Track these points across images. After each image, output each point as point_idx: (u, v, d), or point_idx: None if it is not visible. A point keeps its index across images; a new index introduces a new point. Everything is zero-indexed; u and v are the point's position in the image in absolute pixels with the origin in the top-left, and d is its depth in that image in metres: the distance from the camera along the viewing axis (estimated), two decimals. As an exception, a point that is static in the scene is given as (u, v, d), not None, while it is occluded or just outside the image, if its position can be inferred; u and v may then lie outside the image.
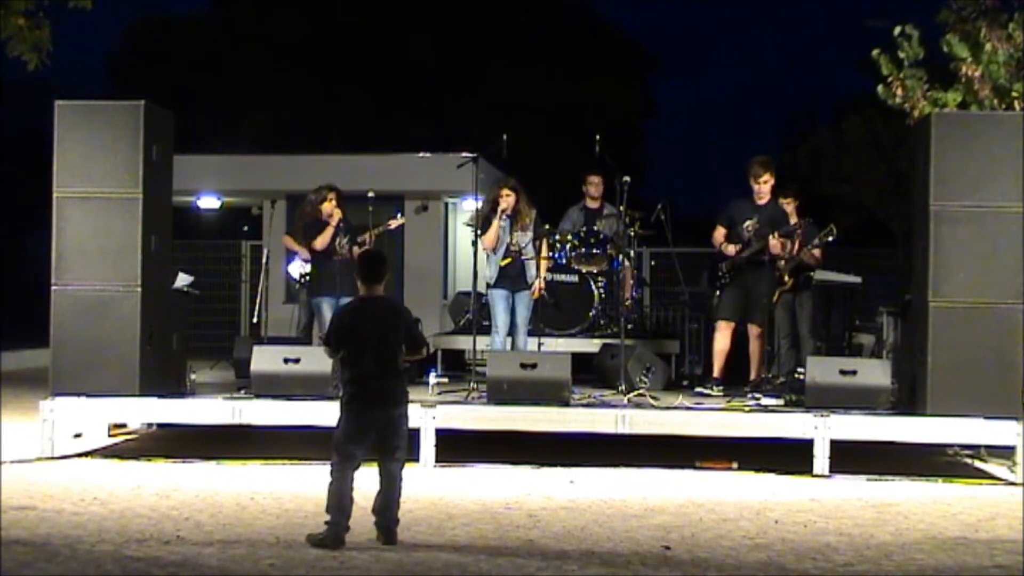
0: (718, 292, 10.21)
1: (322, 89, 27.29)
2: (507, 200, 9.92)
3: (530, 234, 10.11)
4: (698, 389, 9.93)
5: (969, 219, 8.53)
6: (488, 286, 10.15)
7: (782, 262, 10.25)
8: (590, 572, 5.75)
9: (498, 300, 10.06)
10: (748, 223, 9.88)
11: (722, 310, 10.13)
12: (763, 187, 9.93)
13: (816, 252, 10.30)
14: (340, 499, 6.12)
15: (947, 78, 11.79)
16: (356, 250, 10.31)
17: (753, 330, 9.98)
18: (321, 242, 10.34)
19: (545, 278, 10.38)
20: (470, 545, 6.25)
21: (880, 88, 12.02)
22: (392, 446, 6.22)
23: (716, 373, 10.07)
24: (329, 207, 10.34)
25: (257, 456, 8.72)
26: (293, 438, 8.91)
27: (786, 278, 10.25)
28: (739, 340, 10.17)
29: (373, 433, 6.20)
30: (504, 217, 9.93)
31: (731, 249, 9.95)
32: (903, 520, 7.07)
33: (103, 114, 9.07)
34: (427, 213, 15.21)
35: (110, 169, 8.93)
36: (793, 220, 10.31)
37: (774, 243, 9.69)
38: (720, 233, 10.10)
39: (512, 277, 10.07)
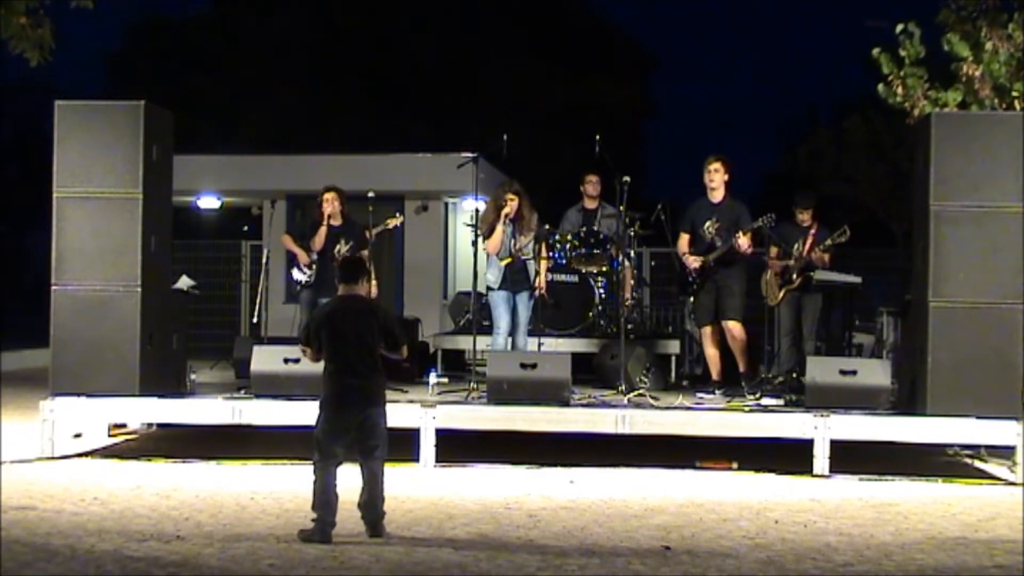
0: (692, 299, 10.14)
1: (322, 89, 27.31)
2: (511, 204, 9.88)
3: (532, 236, 10.07)
4: (699, 394, 9.86)
5: (969, 219, 8.52)
6: (488, 288, 10.12)
7: (792, 261, 10.25)
8: (590, 572, 5.75)
9: (499, 301, 10.01)
10: (708, 224, 9.80)
11: (700, 317, 10.05)
12: (714, 176, 9.78)
13: (825, 256, 10.31)
14: (324, 497, 6.22)
15: (947, 77, 11.79)
16: (362, 255, 10.32)
17: (730, 326, 9.79)
18: (317, 242, 10.38)
19: (545, 278, 10.36)
20: (470, 545, 6.25)
21: (880, 87, 12.02)
22: (371, 445, 6.29)
23: (715, 376, 10.05)
24: (326, 207, 10.37)
25: (257, 456, 8.72)
26: (293, 438, 8.89)
27: (794, 277, 10.26)
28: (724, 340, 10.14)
29: (351, 431, 6.27)
30: (508, 221, 9.91)
31: (693, 262, 9.84)
32: (903, 520, 7.07)
33: (103, 114, 9.07)
34: (427, 213, 15.23)
35: (110, 169, 8.93)
36: (807, 223, 10.36)
37: (740, 241, 9.61)
38: (684, 241, 9.99)
39: (512, 278, 10.03)
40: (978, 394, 8.40)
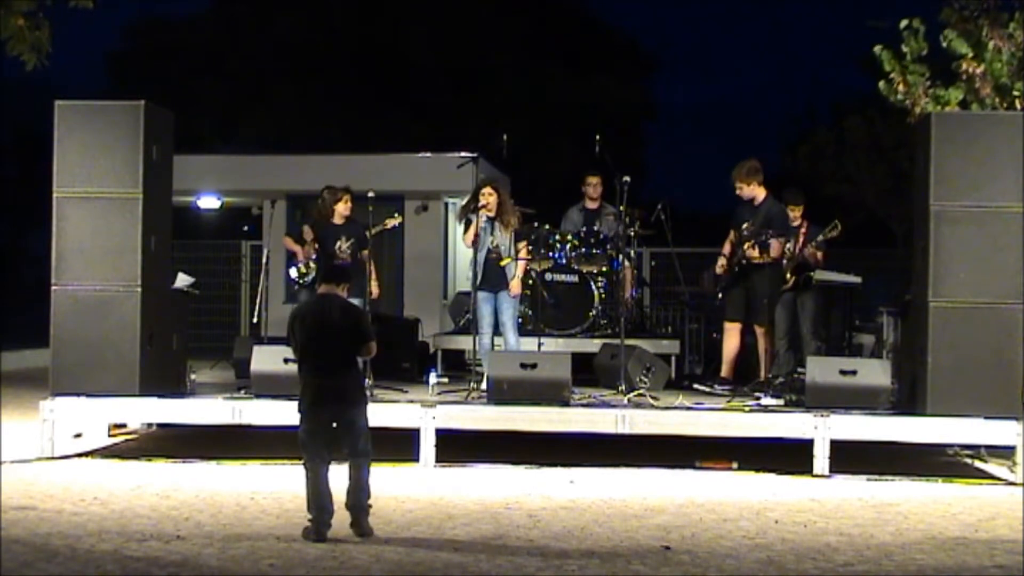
0: (720, 295, 10.29)
1: (322, 89, 27.29)
2: (487, 199, 9.82)
3: (511, 235, 9.94)
4: (696, 385, 9.92)
5: (969, 219, 8.53)
6: (474, 286, 10.03)
7: (785, 260, 10.26)
8: (590, 572, 5.75)
9: (481, 303, 9.88)
10: (745, 225, 9.97)
11: (729, 312, 10.25)
12: (741, 193, 10.05)
13: (818, 253, 10.33)
14: (316, 497, 6.28)
15: (949, 76, 11.78)
16: (363, 254, 10.34)
17: (757, 330, 10.06)
18: (309, 232, 10.52)
19: (545, 278, 10.33)
20: (470, 545, 6.25)
21: (882, 84, 11.99)
22: (352, 444, 6.35)
23: (724, 373, 10.11)
24: (339, 207, 10.42)
25: (257, 456, 8.72)
26: (293, 438, 8.86)
27: (788, 277, 10.26)
28: (744, 341, 10.18)
29: (331, 430, 6.33)
30: (485, 218, 9.85)
31: (719, 268, 10.18)
32: (903, 520, 7.07)
33: (103, 114, 9.08)
34: (427, 213, 15.22)
35: (110, 169, 8.94)
36: (797, 223, 10.41)
37: (750, 253, 9.77)
38: (729, 238, 10.24)
39: (492, 278, 9.96)
40: (978, 394, 8.40)
